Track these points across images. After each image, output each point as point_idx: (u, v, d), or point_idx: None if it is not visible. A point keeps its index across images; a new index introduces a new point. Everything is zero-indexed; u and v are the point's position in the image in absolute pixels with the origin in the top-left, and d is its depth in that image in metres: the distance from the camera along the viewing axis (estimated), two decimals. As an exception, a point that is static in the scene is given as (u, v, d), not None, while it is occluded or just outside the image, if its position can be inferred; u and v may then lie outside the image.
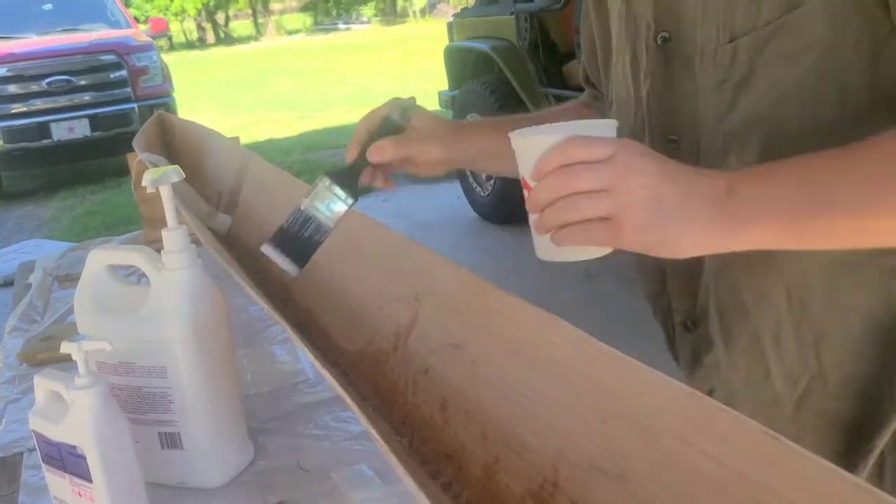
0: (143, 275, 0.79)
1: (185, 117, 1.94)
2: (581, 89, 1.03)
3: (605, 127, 0.65)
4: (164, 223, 0.78)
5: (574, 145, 0.60)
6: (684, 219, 0.59)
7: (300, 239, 0.78)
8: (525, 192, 0.65)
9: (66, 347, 0.69)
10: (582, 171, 0.59)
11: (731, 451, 0.50)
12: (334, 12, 32.93)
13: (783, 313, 0.74)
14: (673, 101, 0.76)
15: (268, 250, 0.78)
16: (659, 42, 0.75)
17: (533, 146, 0.63)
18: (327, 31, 28.05)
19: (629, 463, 0.57)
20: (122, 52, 6.59)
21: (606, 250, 0.63)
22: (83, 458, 0.69)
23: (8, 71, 6.27)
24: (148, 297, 0.78)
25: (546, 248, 0.65)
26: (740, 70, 0.70)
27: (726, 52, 0.70)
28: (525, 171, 0.64)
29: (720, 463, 0.50)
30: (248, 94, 11.77)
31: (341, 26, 28.91)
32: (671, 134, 0.77)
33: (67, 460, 0.71)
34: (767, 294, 0.74)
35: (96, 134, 6.43)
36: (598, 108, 0.98)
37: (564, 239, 0.62)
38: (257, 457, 0.86)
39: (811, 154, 0.60)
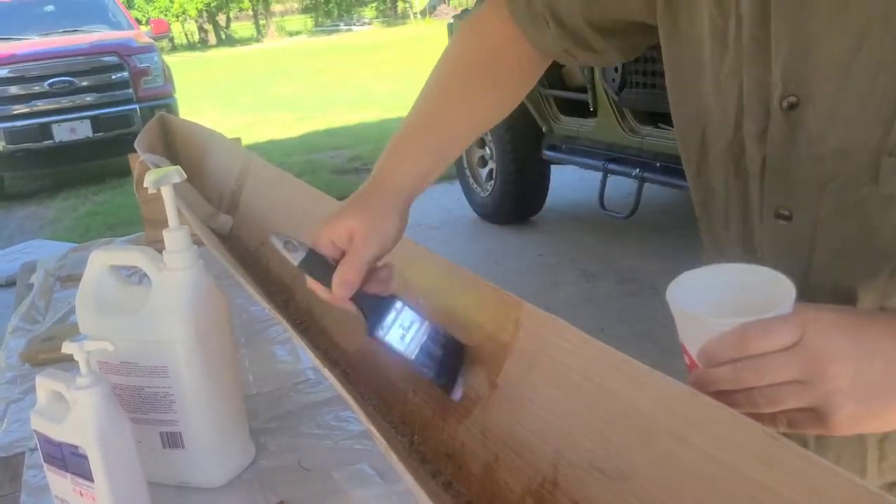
0: (145, 275, 0.79)
1: (187, 118, 1.94)
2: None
3: (786, 292, 0.54)
4: (165, 224, 0.78)
5: (752, 337, 0.52)
6: None
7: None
8: (686, 358, 0.58)
9: (67, 347, 0.69)
10: (766, 366, 0.52)
11: (731, 451, 0.50)
12: (335, 13, 32.93)
13: None
14: (792, 173, 0.63)
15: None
16: (784, 107, 0.61)
17: (698, 326, 0.55)
18: (328, 32, 28.03)
19: (629, 463, 0.57)
20: (123, 54, 6.59)
21: None
22: (85, 457, 0.69)
23: (10, 72, 6.27)
24: (149, 297, 0.78)
25: None
26: None
27: (891, 167, 0.57)
28: (689, 343, 0.57)
29: (720, 463, 0.50)
30: (250, 96, 11.76)
31: (342, 27, 28.89)
32: (783, 208, 0.64)
33: (69, 460, 0.71)
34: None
35: (98, 135, 6.43)
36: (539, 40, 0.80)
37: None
38: (259, 456, 0.87)
39: None
